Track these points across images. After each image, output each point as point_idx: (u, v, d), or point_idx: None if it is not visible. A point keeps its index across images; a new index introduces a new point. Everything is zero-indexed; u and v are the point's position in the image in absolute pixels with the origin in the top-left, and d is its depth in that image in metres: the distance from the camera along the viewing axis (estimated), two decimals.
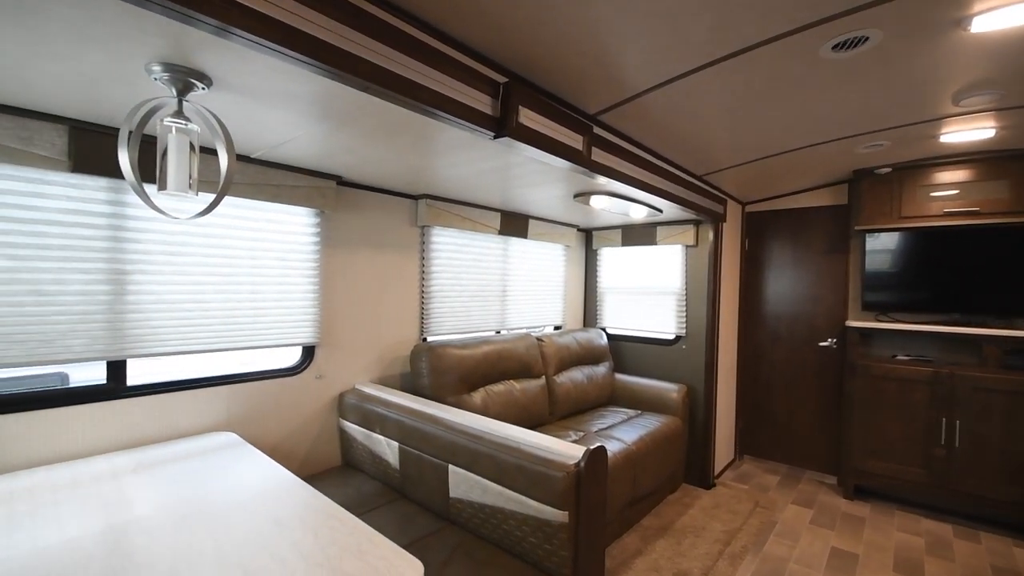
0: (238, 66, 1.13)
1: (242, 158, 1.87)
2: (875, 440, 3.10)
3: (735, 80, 1.78)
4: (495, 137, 1.48)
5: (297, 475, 1.73)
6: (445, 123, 1.39)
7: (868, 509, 3.06)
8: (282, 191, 2.01)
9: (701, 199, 2.91)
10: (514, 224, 3.14)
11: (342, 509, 1.24)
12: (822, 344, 3.57)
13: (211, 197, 1.26)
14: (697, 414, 3.32)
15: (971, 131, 2.38)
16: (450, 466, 1.79)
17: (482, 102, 1.42)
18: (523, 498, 1.56)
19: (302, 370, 2.21)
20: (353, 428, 2.24)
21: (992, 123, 2.27)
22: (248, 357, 2.19)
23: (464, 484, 1.74)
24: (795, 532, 2.74)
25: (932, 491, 2.92)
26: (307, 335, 2.20)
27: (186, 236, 1.83)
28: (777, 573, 2.33)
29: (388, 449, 2.07)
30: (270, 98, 1.32)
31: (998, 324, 2.81)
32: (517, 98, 1.47)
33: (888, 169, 3.07)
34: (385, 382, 2.55)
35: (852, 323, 3.21)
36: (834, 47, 1.53)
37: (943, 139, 2.51)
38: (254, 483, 1.40)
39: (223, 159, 1.22)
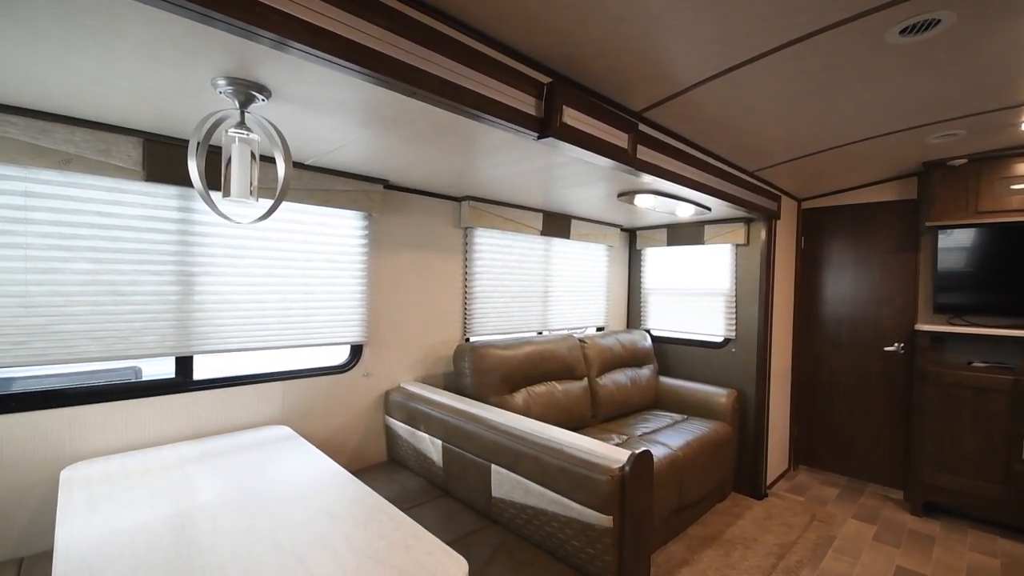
0: (294, 77, 1.18)
1: (297, 165, 1.96)
2: (947, 453, 2.86)
3: (792, 70, 1.69)
4: (539, 138, 1.48)
5: (346, 469, 1.80)
6: (488, 125, 1.40)
7: (938, 527, 2.83)
8: (333, 195, 2.08)
9: (753, 196, 2.78)
10: (556, 224, 3.12)
11: (389, 504, 1.27)
12: (887, 349, 3.34)
13: (270, 203, 1.33)
14: (748, 420, 3.18)
15: None
16: (492, 466, 1.80)
17: (525, 103, 1.42)
18: (566, 500, 1.55)
19: (350, 368, 2.29)
20: (398, 425, 2.30)
21: None
22: (301, 354, 2.29)
23: (506, 484, 1.74)
24: (856, 548, 2.58)
25: (1010, 508, 2.66)
26: (355, 334, 2.27)
27: (246, 240, 1.93)
28: None
29: (432, 447, 2.10)
30: (323, 106, 1.37)
31: None
32: (561, 98, 1.46)
33: (963, 160, 2.83)
34: (429, 381, 2.60)
35: (922, 327, 2.98)
36: (902, 31, 1.43)
37: None
38: (307, 475, 1.46)
39: (281, 166, 1.28)
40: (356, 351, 2.33)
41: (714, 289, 3.40)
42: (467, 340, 2.76)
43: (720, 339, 3.37)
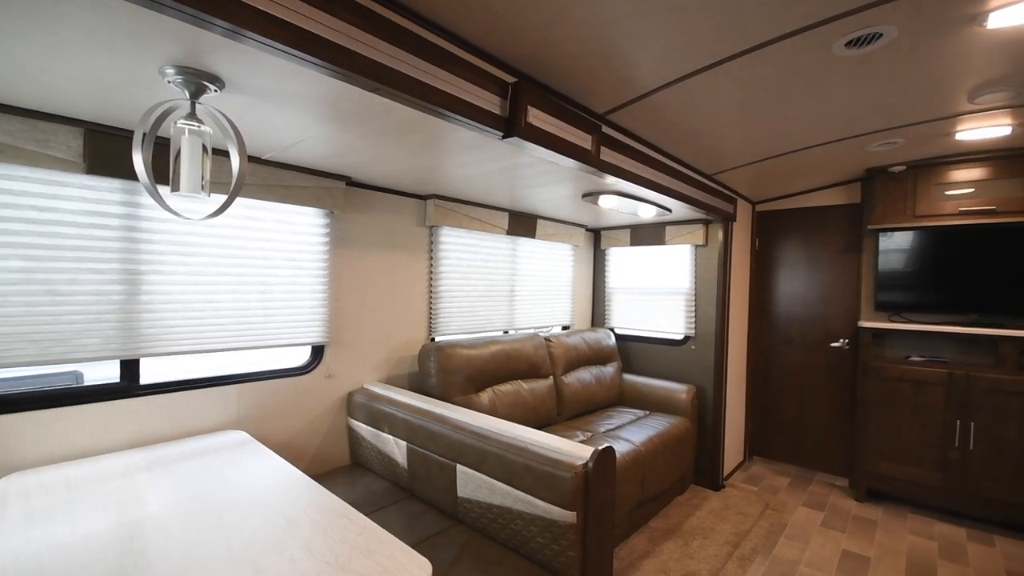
0: (250, 68, 1.14)
1: (253, 159, 1.89)
2: (888, 442, 3.06)
3: (746, 78, 1.76)
4: (504, 137, 1.48)
5: (306, 473, 1.75)
6: (454, 123, 1.39)
7: (880, 512, 3.02)
8: (292, 192, 2.02)
9: (711, 198, 2.88)
10: (522, 224, 3.14)
11: (351, 508, 1.24)
12: (834, 345, 3.53)
13: (223, 198, 1.28)
14: (706, 415, 3.29)
15: (987, 128, 2.33)
16: (458, 465, 1.79)
17: (491, 102, 1.42)
18: (531, 498, 1.56)
19: (311, 369, 2.23)
20: (362, 427, 2.25)
21: (1008, 120, 2.23)
22: (259, 356, 2.21)
23: (472, 484, 1.74)
24: (806, 535, 2.72)
25: (946, 494, 2.87)
26: (316, 335, 2.21)
27: (198, 237, 1.85)
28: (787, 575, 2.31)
29: (396, 448, 2.07)
30: (281, 99, 1.32)
31: (1015, 324, 2.76)
32: (526, 98, 1.47)
33: (902, 167, 3.02)
34: (393, 382, 2.56)
35: (865, 324, 3.17)
36: (847, 44, 1.51)
37: (958, 137, 2.46)
38: (264, 481, 1.41)
39: (235, 160, 1.23)
40: (317, 352, 2.27)
41: (675, 288, 3.50)
42: (433, 340, 2.74)
43: (681, 337, 3.48)
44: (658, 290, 3.61)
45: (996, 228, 2.78)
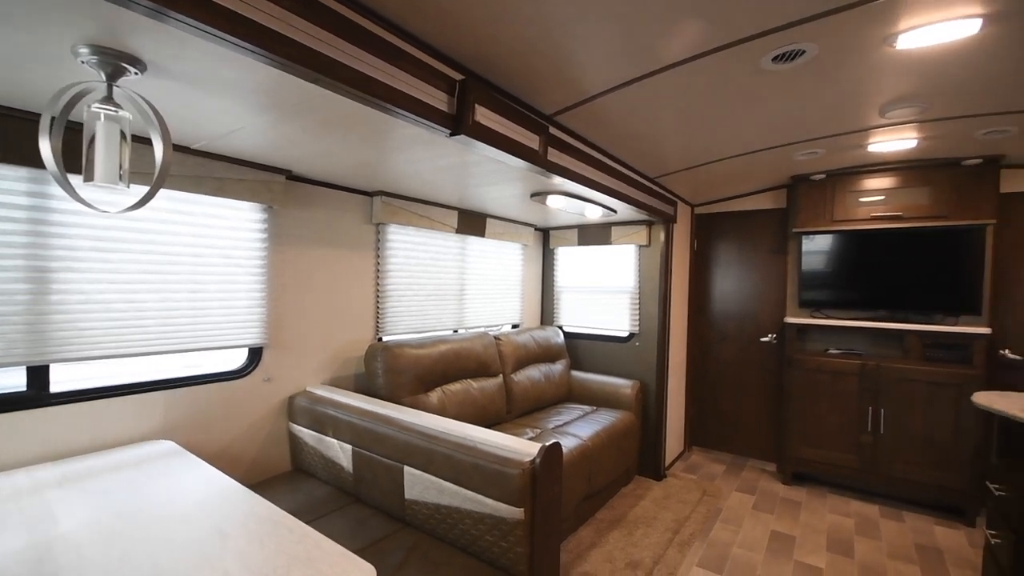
0: (176, 52, 1.07)
1: (181, 149, 1.77)
2: (810, 429, 3.31)
3: (686, 86, 1.85)
4: (451, 135, 1.47)
5: (242, 483, 1.65)
6: (400, 119, 1.37)
7: (804, 493, 3.27)
8: (226, 184, 1.91)
9: (653, 200, 3.00)
10: (472, 223, 3.13)
11: (290, 516, 1.19)
12: (764, 340, 3.78)
13: (146, 190, 1.18)
14: (650, 409, 3.43)
15: (896, 141, 2.58)
16: (405, 467, 1.76)
17: (438, 99, 1.40)
18: (479, 497, 1.56)
19: (248, 373, 2.11)
20: (304, 432, 2.17)
21: (914, 134, 2.47)
22: (191, 360, 2.07)
23: (420, 485, 1.72)
24: (739, 518, 2.89)
25: (861, 475, 3.15)
26: (254, 336, 2.10)
27: (119, 232, 1.70)
28: (722, 557, 2.45)
29: (341, 452, 2.01)
30: (212, 86, 1.25)
31: (919, 320, 3.07)
32: (473, 96, 1.47)
33: (822, 176, 3.28)
34: (338, 384, 2.48)
35: (790, 319, 3.42)
36: (774, 59, 1.62)
37: (871, 148, 2.71)
38: (195, 493, 1.33)
39: (158, 149, 1.14)
40: (255, 355, 2.16)
41: (620, 287, 3.62)
42: (380, 340, 2.68)
43: (626, 334, 3.60)
44: (605, 289, 3.71)
45: (902, 232, 3.08)
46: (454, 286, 3.18)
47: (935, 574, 2.35)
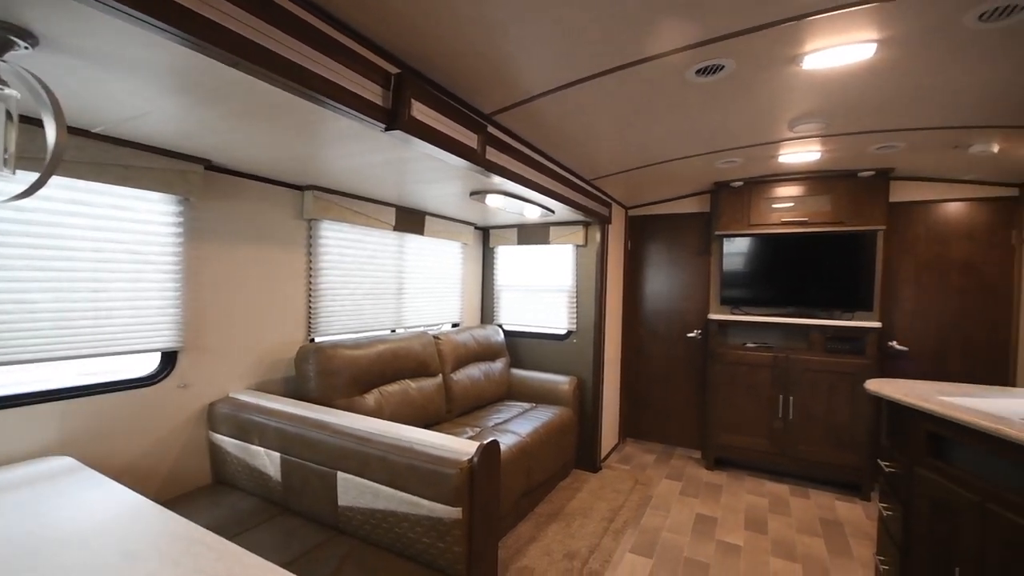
0: (73, 25, 0.96)
1: (79, 132, 1.59)
2: (730, 417, 3.57)
3: (618, 93, 1.92)
4: (386, 129, 1.44)
5: (155, 499, 1.51)
6: (331, 111, 1.31)
7: (725, 477, 3.52)
8: (133, 173, 1.74)
9: (589, 202, 3.10)
10: (410, 220, 3.07)
11: (209, 533, 1.11)
12: (690, 335, 4.02)
13: (36, 176, 1.05)
14: (586, 404, 3.54)
15: (802, 153, 2.83)
16: (339, 473, 1.70)
17: (373, 92, 1.36)
18: (416, 499, 1.54)
19: (161, 379, 1.94)
20: (226, 441, 2.03)
21: (818, 147, 2.73)
22: (96, 367, 1.86)
23: (354, 490, 1.66)
24: (667, 504, 3.06)
25: (773, 458, 3.44)
26: (167, 339, 1.94)
27: (4, 224, 1.50)
28: (652, 542, 2.58)
29: (268, 461, 1.90)
30: (116, 65, 1.13)
31: (821, 315, 3.39)
32: (410, 91, 1.44)
33: (741, 183, 3.54)
34: (265, 388, 2.34)
35: (713, 316, 3.67)
36: (697, 72, 1.73)
37: (781, 159, 2.96)
38: (97, 513, 1.20)
39: (50, 132, 1.02)
40: (169, 359, 1.98)
41: (559, 286, 3.70)
42: (312, 340, 2.56)
43: (564, 331, 3.69)
44: (544, 288, 3.78)
45: (807, 236, 3.40)
46: (392, 285, 3.10)
47: (836, 545, 2.61)
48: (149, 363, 1.98)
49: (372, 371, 2.49)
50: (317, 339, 2.59)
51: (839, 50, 1.58)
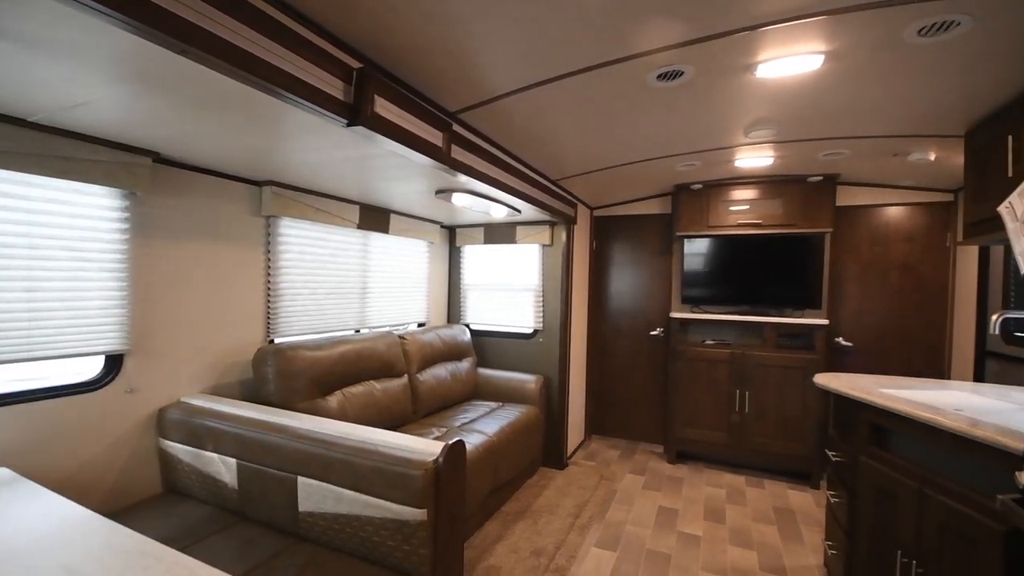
0: (4, 7, 0.89)
1: (13, 121, 1.48)
2: (691, 412, 3.69)
3: (582, 95, 1.95)
4: (348, 125, 1.41)
5: (99, 511, 1.43)
6: (290, 104, 1.27)
7: (686, 470, 3.63)
8: (75, 165, 1.63)
9: (555, 202, 3.12)
10: (374, 218, 3.01)
11: (158, 544, 1.06)
12: (652, 333, 4.12)
13: None
14: (553, 402, 3.57)
15: (756, 158, 2.95)
16: (299, 478, 1.65)
17: (333, 86, 1.33)
18: (381, 502, 1.51)
19: (105, 384, 1.83)
20: (177, 448, 1.93)
21: (771, 153, 2.86)
22: (32, 371, 1.74)
23: (316, 495, 1.62)
24: (631, 498, 3.13)
25: (730, 450, 3.58)
26: (111, 341, 1.83)
27: None
28: (617, 536, 2.64)
29: (224, 468, 1.83)
30: (51, 49, 1.06)
31: (774, 313, 3.55)
32: (372, 86, 1.41)
33: (700, 185, 3.66)
34: (221, 392, 2.24)
35: (674, 315, 3.78)
36: (657, 77, 1.78)
37: (737, 163, 3.07)
38: (34, 527, 1.12)
39: None
40: (114, 362, 1.87)
41: (525, 285, 3.72)
42: (271, 342, 2.47)
43: (530, 330, 3.71)
44: (510, 287, 3.79)
45: (761, 238, 3.55)
46: (356, 284, 3.04)
47: (789, 531, 2.74)
48: (92, 367, 1.86)
49: (335, 372, 2.44)
50: (277, 340, 2.51)
51: (790, 60, 1.65)
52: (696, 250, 3.77)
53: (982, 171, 2.06)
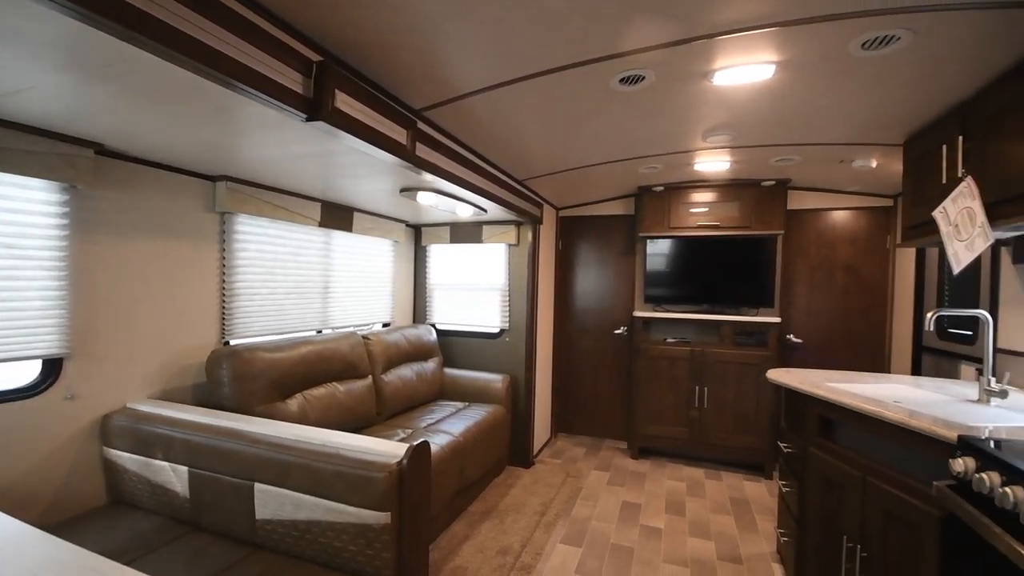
0: None
1: None
2: (653, 409, 3.79)
3: (548, 96, 1.97)
4: (308, 120, 1.37)
5: (37, 525, 1.33)
6: (245, 96, 1.23)
7: (648, 465, 3.72)
8: (9, 156, 1.52)
9: (521, 202, 3.14)
10: (337, 216, 2.94)
11: (102, 559, 1.00)
12: (617, 332, 4.21)
13: None
14: (519, 401, 3.59)
15: (715, 162, 3.06)
16: (256, 484, 1.59)
17: (292, 79, 1.29)
18: (342, 506, 1.48)
19: (43, 390, 1.72)
20: (124, 457, 1.83)
21: (728, 157, 2.96)
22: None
23: (274, 502, 1.57)
24: (596, 494, 3.18)
25: (690, 444, 3.70)
26: (49, 344, 1.71)
27: None
28: (582, 532, 2.68)
29: (174, 476, 1.74)
30: None
31: (731, 312, 3.69)
32: (333, 80, 1.38)
33: (662, 188, 3.76)
34: (171, 396, 2.14)
35: (637, 313, 3.87)
36: (620, 80, 1.81)
37: (697, 167, 3.17)
38: None
39: None
40: (52, 367, 1.76)
41: (492, 284, 3.72)
42: (227, 343, 2.38)
43: (497, 330, 3.71)
44: (477, 286, 3.78)
45: (719, 239, 3.68)
46: (318, 283, 2.96)
47: (744, 521, 2.86)
48: (28, 372, 1.74)
49: (295, 374, 2.36)
50: (233, 342, 2.41)
51: (744, 69, 1.72)
52: (658, 251, 3.87)
53: (919, 178, 2.21)
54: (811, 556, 2.00)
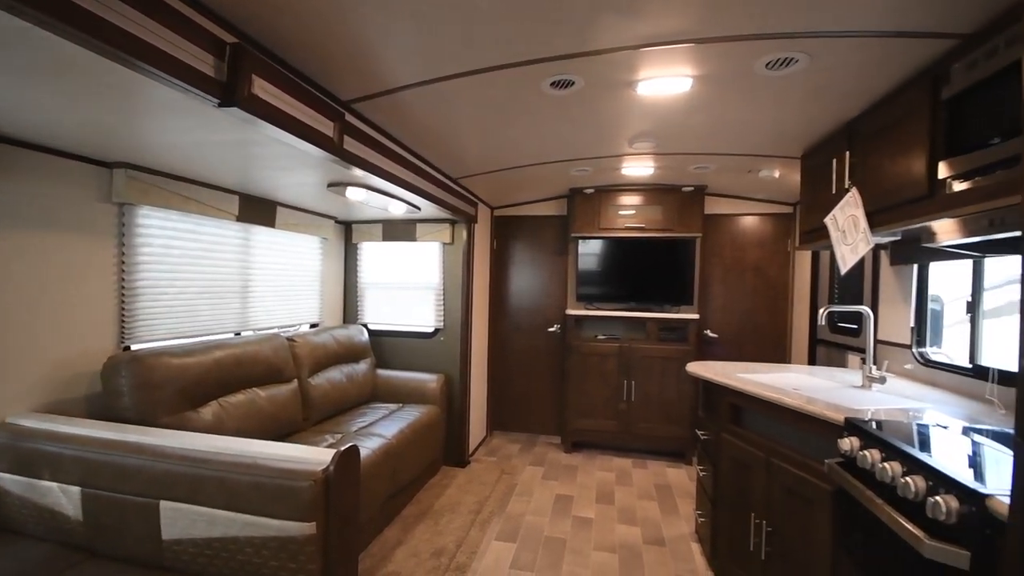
0: None
1: None
2: (584, 403, 3.92)
3: (480, 95, 1.97)
4: (220, 105, 1.27)
5: None
6: (145, 75, 1.11)
7: (580, 458, 3.84)
8: None
9: (455, 200, 3.12)
10: (258, 211, 2.75)
11: None
12: (550, 330, 4.30)
13: None
14: (454, 400, 3.56)
15: (640, 167, 3.22)
16: (162, 502, 1.46)
17: (202, 61, 1.19)
18: (262, 519, 1.39)
19: None
20: (4, 478, 1.60)
21: (652, 163, 3.13)
22: None
23: (184, 520, 1.45)
24: (530, 489, 3.24)
25: (619, 436, 3.87)
26: None
27: None
28: (516, 527, 2.71)
29: (65, 498, 1.55)
30: None
31: (656, 309, 3.90)
32: (250, 65, 1.29)
33: (592, 190, 3.89)
34: (60, 409, 1.89)
35: (570, 311, 3.98)
36: (551, 84, 1.85)
37: (623, 171, 3.32)
38: None
39: None
40: None
41: (426, 283, 3.67)
42: (127, 348, 2.15)
43: (431, 329, 3.66)
44: (411, 285, 3.71)
45: (645, 240, 3.88)
46: (236, 282, 2.76)
47: (667, 505, 3.03)
48: None
49: (208, 381, 2.19)
50: (135, 346, 2.19)
51: (665, 80, 1.83)
52: (590, 251, 4.01)
53: (814, 188, 2.45)
54: (724, 533, 2.16)
